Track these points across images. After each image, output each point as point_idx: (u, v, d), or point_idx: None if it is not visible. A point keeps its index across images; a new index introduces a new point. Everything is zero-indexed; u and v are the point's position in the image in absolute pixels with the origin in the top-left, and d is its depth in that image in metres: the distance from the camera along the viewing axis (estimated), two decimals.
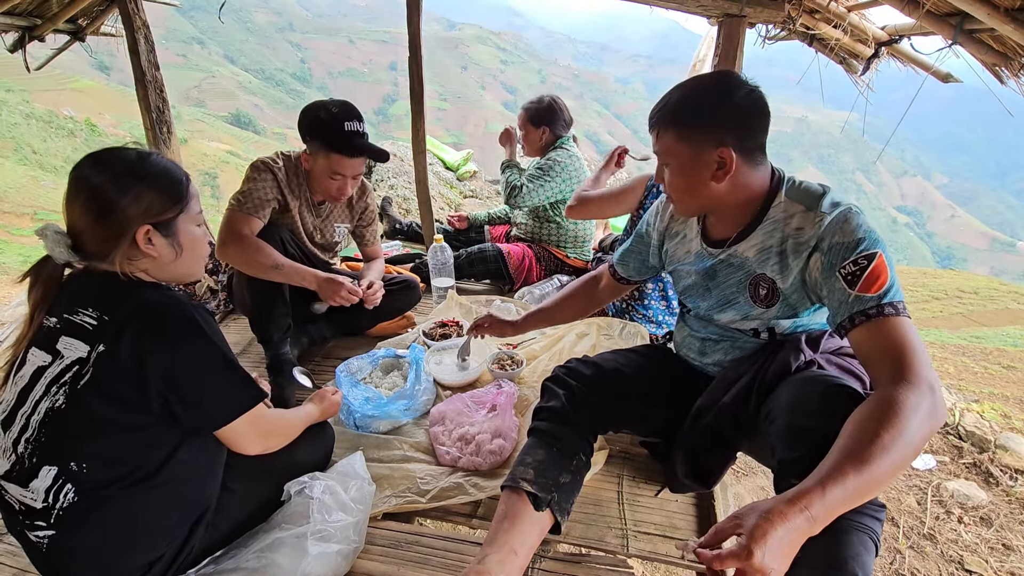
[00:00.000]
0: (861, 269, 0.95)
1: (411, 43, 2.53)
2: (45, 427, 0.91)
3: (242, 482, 1.15)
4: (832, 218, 1.02)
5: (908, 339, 0.89)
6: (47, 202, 17.27)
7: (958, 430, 2.46)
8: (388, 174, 4.68)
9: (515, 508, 1.10)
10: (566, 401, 1.26)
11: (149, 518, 0.97)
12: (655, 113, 1.13)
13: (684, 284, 1.35)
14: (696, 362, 1.38)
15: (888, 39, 2.29)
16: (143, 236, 0.96)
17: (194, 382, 0.96)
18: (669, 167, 1.14)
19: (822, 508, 0.75)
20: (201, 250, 1.08)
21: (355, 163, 1.84)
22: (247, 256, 1.74)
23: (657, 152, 1.16)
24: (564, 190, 2.60)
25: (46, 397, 0.91)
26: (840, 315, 0.98)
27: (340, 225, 2.13)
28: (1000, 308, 9.42)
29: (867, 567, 0.85)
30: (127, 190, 0.95)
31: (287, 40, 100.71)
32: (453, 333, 2.16)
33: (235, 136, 42.09)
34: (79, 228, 0.96)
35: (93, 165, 0.96)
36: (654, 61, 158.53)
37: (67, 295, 0.97)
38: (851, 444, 0.80)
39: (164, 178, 0.99)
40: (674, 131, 1.10)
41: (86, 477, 0.91)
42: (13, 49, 2.91)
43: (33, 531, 0.93)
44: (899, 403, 0.81)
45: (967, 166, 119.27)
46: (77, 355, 0.91)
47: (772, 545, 0.71)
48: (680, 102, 1.10)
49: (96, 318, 0.92)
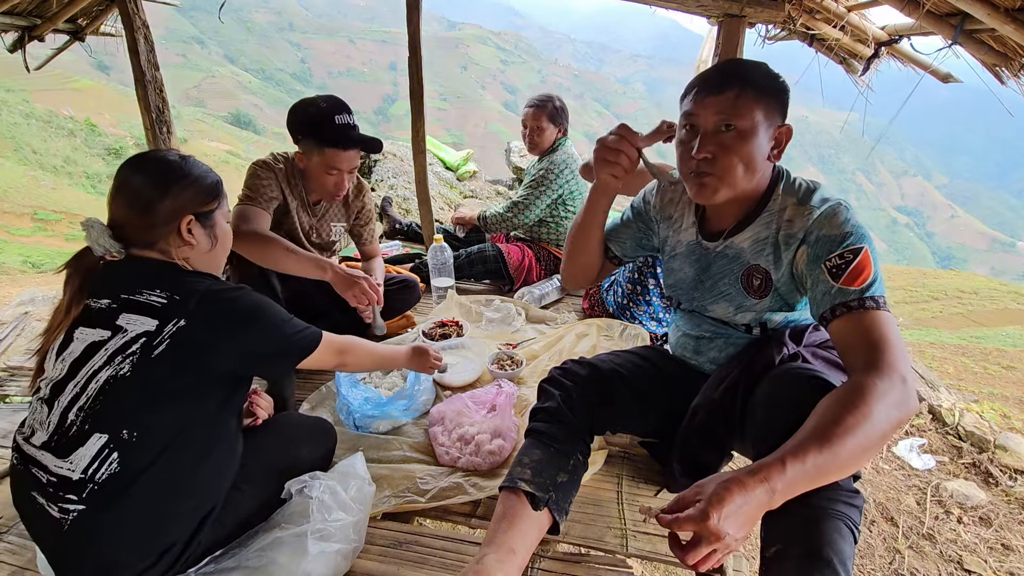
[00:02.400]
0: (847, 263, 0.97)
1: (411, 43, 2.53)
2: (104, 395, 0.96)
3: (248, 480, 1.16)
4: (821, 211, 1.03)
5: (886, 332, 0.91)
6: (47, 202, 17.28)
7: (957, 430, 2.46)
8: (388, 174, 4.68)
9: (513, 508, 1.10)
10: (562, 402, 1.27)
11: (175, 497, 1.01)
12: (728, 71, 1.03)
13: (676, 277, 1.34)
14: (693, 361, 1.38)
15: (888, 39, 2.29)
16: (185, 225, 1.08)
17: (271, 346, 1.11)
18: (736, 131, 1.02)
19: (781, 482, 0.77)
20: (230, 243, 1.22)
21: (350, 156, 1.84)
22: (261, 241, 1.70)
23: (720, 112, 1.01)
24: (562, 190, 2.61)
25: (108, 367, 0.97)
26: (822, 306, 0.99)
27: (336, 224, 2.14)
28: (1000, 308, 9.42)
29: (843, 553, 0.86)
30: (174, 183, 1.07)
31: (287, 40, 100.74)
32: (453, 333, 2.16)
33: (235, 136, 42.10)
34: (123, 220, 1.06)
35: (141, 164, 1.08)
36: (654, 61, 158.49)
37: (119, 280, 1.05)
38: (816, 424, 0.82)
39: (204, 176, 1.13)
40: (754, 92, 1.01)
41: (133, 447, 0.95)
42: (13, 49, 2.91)
43: (60, 503, 0.94)
44: (867, 390, 0.83)
45: (967, 166, 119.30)
46: (143, 328, 0.99)
47: (729, 511, 0.73)
48: (757, 67, 1.03)
49: (166, 297, 1.01)
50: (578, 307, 2.57)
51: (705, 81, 1.05)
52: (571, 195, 2.65)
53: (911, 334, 6.74)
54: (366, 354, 1.38)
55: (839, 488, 0.91)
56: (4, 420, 1.76)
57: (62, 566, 0.98)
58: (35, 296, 3.59)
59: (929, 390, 2.77)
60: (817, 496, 0.90)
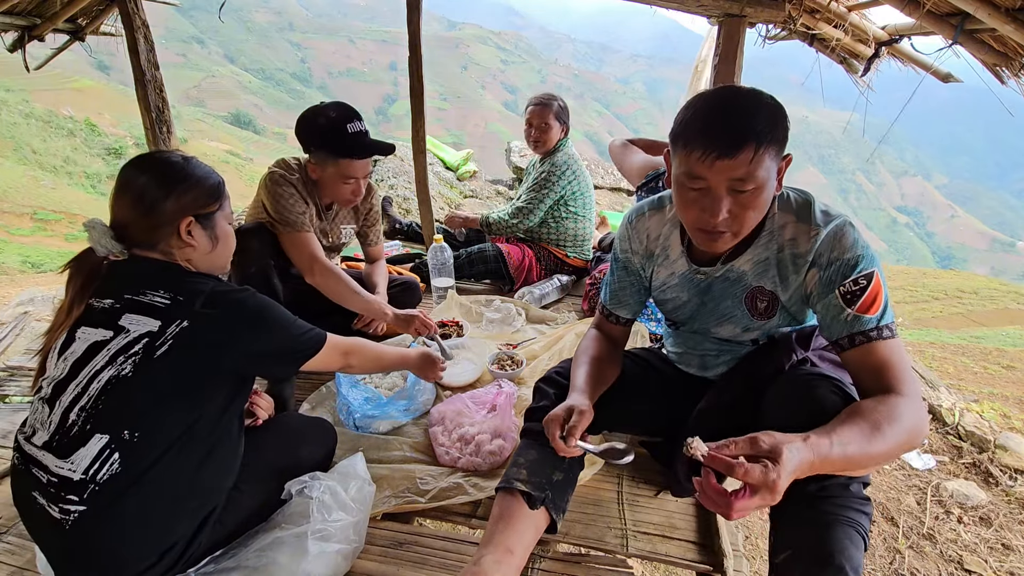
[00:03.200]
0: (861, 289, 0.97)
1: (411, 43, 2.53)
2: (106, 395, 0.96)
3: (248, 481, 1.16)
4: (827, 232, 1.02)
5: (903, 360, 0.96)
6: (47, 202, 17.28)
7: (958, 430, 2.46)
8: (388, 174, 4.68)
9: (510, 508, 1.10)
10: (556, 400, 1.26)
11: (176, 499, 1.00)
12: (737, 127, 0.91)
13: (674, 305, 1.29)
14: (699, 375, 1.37)
15: (888, 39, 2.29)
16: (185, 227, 1.08)
17: (277, 345, 1.12)
18: (754, 192, 0.95)
19: (820, 458, 0.79)
20: (232, 244, 1.22)
21: (366, 164, 1.85)
22: (335, 279, 1.82)
23: (736, 179, 0.93)
24: (564, 191, 2.61)
25: (110, 367, 0.97)
26: (836, 331, 0.99)
27: (346, 226, 2.13)
28: (1000, 308, 9.41)
29: (853, 560, 0.87)
30: (176, 185, 1.08)
31: (287, 40, 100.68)
32: (453, 333, 2.16)
33: (235, 136, 42.07)
34: (126, 221, 1.06)
35: (143, 165, 1.08)
36: (654, 61, 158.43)
37: (122, 280, 1.05)
38: (861, 423, 0.85)
39: (206, 178, 1.13)
40: (765, 143, 0.92)
41: (134, 447, 0.95)
42: (13, 49, 2.91)
43: (63, 503, 0.94)
44: (903, 408, 0.88)
45: (967, 166, 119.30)
46: (146, 329, 0.99)
47: (791, 473, 0.76)
48: (760, 109, 0.94)
49: (169, 298, 1.01)
50: (578, 307, 2.57)
51: (714, 140, 0.92)
52: (572, 196, 2.65)
53: (911, 334, 6.73)
54: (372, 356, 1.39)
55: (851, 495, 0.91)
56: (4, 420, 1.76)
57: (63, 567, 0.98)
58: (35, 296, 3.60)
59: (929, 390, 2.77)
60: (828, 503, 0.91)
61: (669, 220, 1.23)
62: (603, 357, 1.30)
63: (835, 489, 0.92)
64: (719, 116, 0.94)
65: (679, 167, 0.99)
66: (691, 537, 1.32)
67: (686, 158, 0.96)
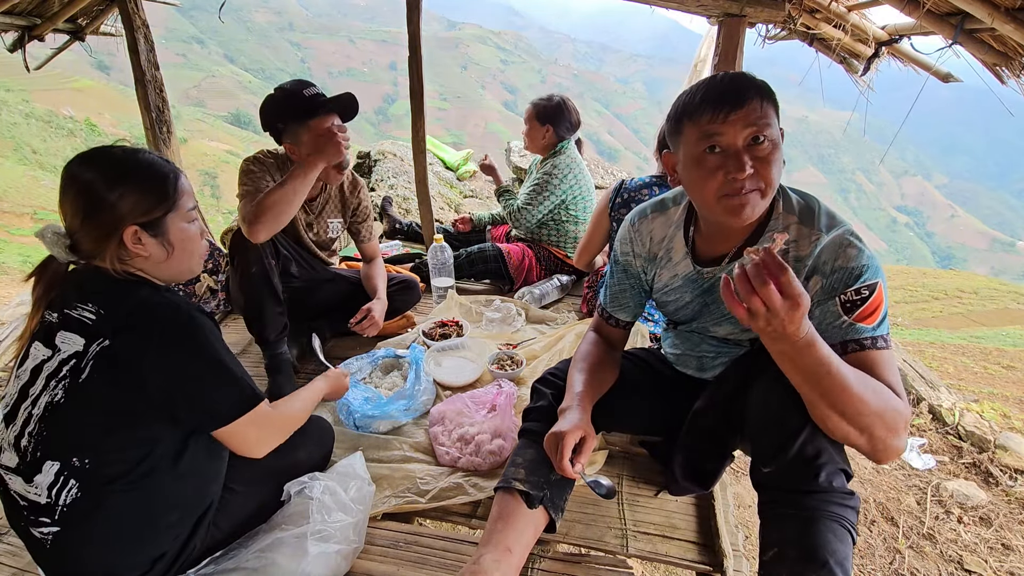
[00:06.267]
0: (862, 299, 0.96)
1: (411, 43, 2.53)
2: (45, 422, 0.91)
3: (243, 482, 1.15)
4: (830, 239, 1.01)
5: (894, 371, 0.96)
6: (47, 202, 17.26)
7: (958, 430, 2.46)
8: (388, 174, 4.68)
9: (508, 508, 1.11)
10: (553, 400, 1.27)
11: (152, 515, 0.97)
12: (739, 83, 0.96)
13: (674, 307, 1.28)
14: (696, 376, 1.37)
15: (888, 39, 2.29)
16: (131, 236, 0.96)
17: (192, 383, 0.96)
18: (771, 144, 0.96)
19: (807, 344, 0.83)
20: (195, 247, 1.07)
21: (333, 120, 1.84)
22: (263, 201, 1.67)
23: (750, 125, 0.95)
24: (565, 195, 2.61)
25: (45, 392, 0.92)
26: (832, 337, 0.98)
27: (333, 220, 2.13)
28: (1000, 308, 9.41)
29: (838, 554, 0.88)
30: (111, 190, 0.94)
31: (287, 40, 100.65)
32: (453, 333, 2.16)
33: (235, 136, 42.02)
34: (73, 228, 0.97)
35: (80, 164, 0.97)
36: (654, 61, 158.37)
37: (66, 291, 0.97)
38: (855, 371, 0.88)
39: (149, 178, 0.99)
40: (767, 98, 0.96)
41: (89, 473, 0.91)
42: (13, 49, 2.91)
43: (38, 527, 0.93)
44: (891, 395, 0.91)
45: (967, 166, 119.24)
46: (74, 349, 0.91)
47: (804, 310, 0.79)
48: (752, 76, 0.99)
49: (95, 312, 0.92)
50: (578, 307, 2.57)
51: (720, 97, 0.96)
52: (574, 200, 2.64)
53: (911, 334, 6.73)
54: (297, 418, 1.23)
55: (833, 490, 0.92)
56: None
57: None
58: None
59: (929, 390, 2.77)
60: (811, 498, 0.91)
61: (674, 222, 1.23)
62: (601, 362, 1.30)
63: (818, 485, 0.92)
64: (717, 83, 0.98)
65: (691, 139, 1.00)
66: (691, 537, 1.32)
67: (696, 127, 0.98)
